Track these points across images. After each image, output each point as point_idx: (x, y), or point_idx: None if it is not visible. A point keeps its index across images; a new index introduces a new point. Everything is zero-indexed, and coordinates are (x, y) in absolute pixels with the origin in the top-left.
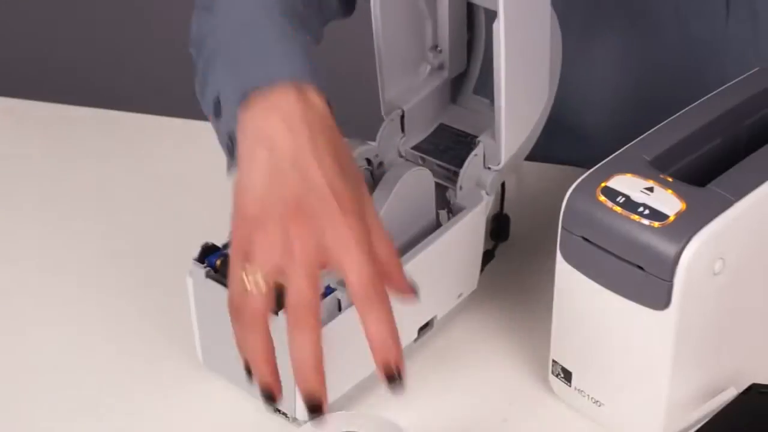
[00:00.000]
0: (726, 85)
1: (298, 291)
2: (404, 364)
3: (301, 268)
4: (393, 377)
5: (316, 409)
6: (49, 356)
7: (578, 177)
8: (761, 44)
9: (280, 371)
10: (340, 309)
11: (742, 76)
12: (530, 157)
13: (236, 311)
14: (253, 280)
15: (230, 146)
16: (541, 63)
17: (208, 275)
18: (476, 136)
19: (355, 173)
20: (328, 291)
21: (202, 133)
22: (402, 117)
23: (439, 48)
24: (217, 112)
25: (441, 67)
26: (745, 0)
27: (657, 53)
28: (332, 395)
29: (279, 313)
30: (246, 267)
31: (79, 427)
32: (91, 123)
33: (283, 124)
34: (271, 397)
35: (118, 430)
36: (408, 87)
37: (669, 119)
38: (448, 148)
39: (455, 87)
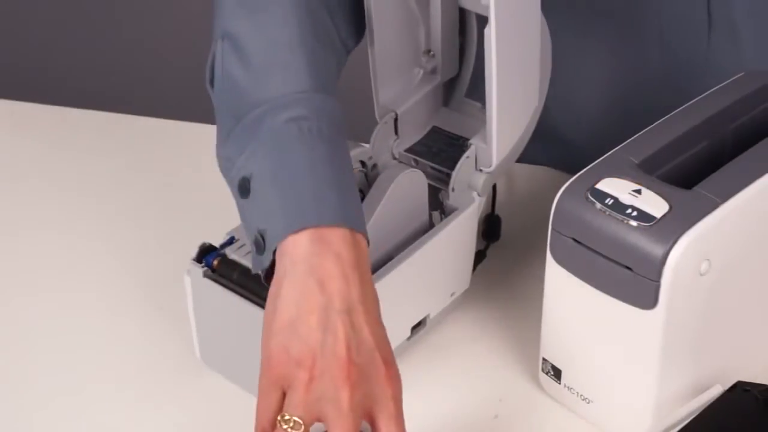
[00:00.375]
0: (711, 90)
1: None
2: None
3: (347, 421)
4: None
5: None
6: (47, 352)
7: (568, 179)
8: (742, 61)
9: None
10: None
11: (727, 81)
12: (520, 160)
13: None
14: (292, 422)
15: (260, 242)
16: (532, 67)
17: (205, 275)
18: (468, 139)
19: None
20: None
21: (200, 135)
22: (395, 120)
23: (431, 52)
24: (244, 194)
25: (434, 71)
26: (726, 18)
27: (642, 69)
28: None
29: None
30: (289, 407)
31: (77, 421)
32: (90, 125)
33: (338, 268)
34: None
35: (117, 424)
36: (401, 91)
37: (656, 123)
38: (441, 151)
39: (447, 90)
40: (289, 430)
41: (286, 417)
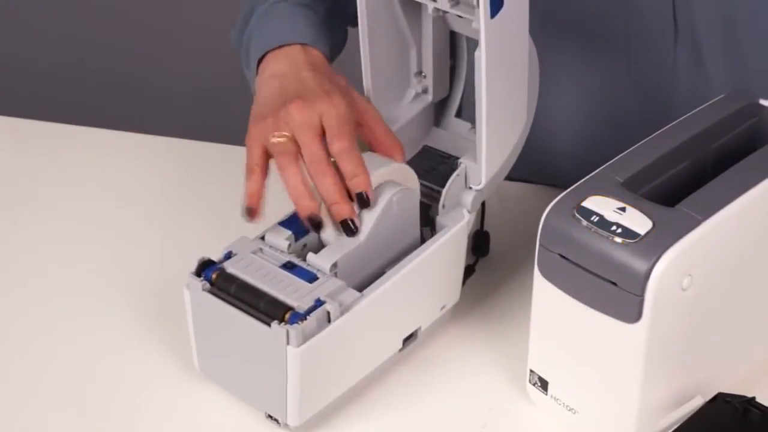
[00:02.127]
0: (693, 111)
1: (310, 149)
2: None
3: (306, 132)
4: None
5: (349, 228)
6: (47, 363)
7: (554, 196)
8: (707, 73)
9: (269, 383)
10: (329, 321)
11: (709, 102)
12: (509, 177)
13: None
14: (278, 137)
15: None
16: (520, 89)
17: (204, 288)
18: (458, 158)
19: (347, 87)
20: (318, 304)
21: (202, 153)
22: None
23: (423, 74)
24: (248, 66)
25: (425, 91)
26: (690, 32)
27: (611, 82)
28: (319, 404)
29: (272, 324)
30: (267, 140)
31: (77, 430)
32: (91, 141)
33: (289, 64)
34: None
35: None
36: (394, 111)
37: (640, 143)
38: (432, 169)
39: (439, 111)
40: (280, 140)
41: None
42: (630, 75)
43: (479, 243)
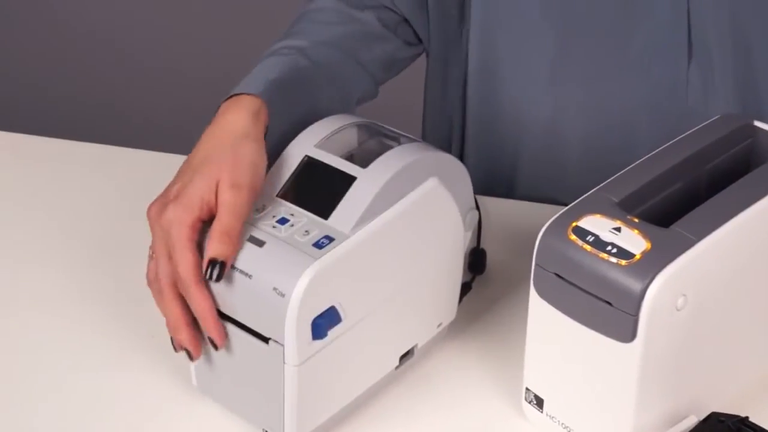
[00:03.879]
0: (688, 132)
1: (181, 269)
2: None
3: (161, 249)
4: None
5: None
6: (42, 375)
7: (550, 215)
8: (716, 87)
9: (266, 399)
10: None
11: (703, 124)
12: (506, 195)
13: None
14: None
15: None
16: None
17: None
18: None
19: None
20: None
21: None
22: None
23: None
24: None
25: None
26: (704, 45)
27: (623, 94)
28: (316, 420)
29: (269, 341)
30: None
31: None
32: (95, 158)
33: (213, 127)
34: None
35: None
36: None
37: (635, 164)
38: None
39: None
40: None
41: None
42: (642, 89)
43: (476, 260)
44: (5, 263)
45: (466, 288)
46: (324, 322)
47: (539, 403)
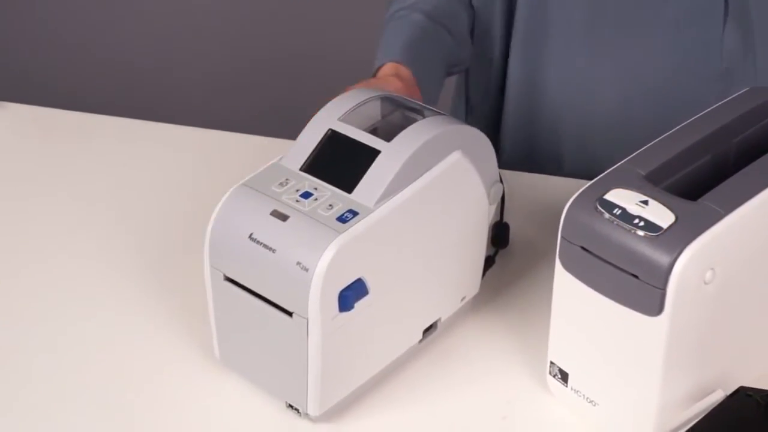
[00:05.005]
0: (716, 105)
1: None
2: None
3: None
4: None
5: None
6: (68, 351)
7: (574, 188)
8: (753, 46)
9: (290, 372)
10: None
11: (731, 96)
12: (530, 170)
13: None
14: None
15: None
16: None
17: (225, 277)
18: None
19: None
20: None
21: (227, 143)
22: None
23: None
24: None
25: None
26: (740, 13)
27: (657, 60)
28: (339, 394)
29: (293, 314)
30: None
31: (96, 420)
32: (113, 131)
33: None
34: None
35: (135, 424)
36: None
37: (662, 136)
38: None
39: None
40: None
41: None
42: (675, 50)
43: (499, 234)
44: (36, 234)
45: (489, 262)
46: (351, 294)
47: (564, 377)
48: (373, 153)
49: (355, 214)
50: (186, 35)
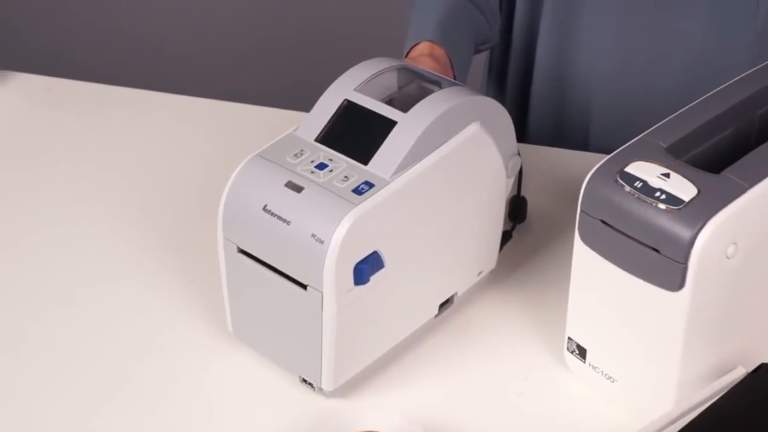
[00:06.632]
0: (739, 77)
1: None
2: None
3: None
4: None
5: None
6: (82, 321)
7: (593, 163)
8: None
9: (304, 346)
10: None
11: (754, 68)
12: (548, 143)
13: None
14: None
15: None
16: None
17: (239, 250)
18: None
19: None
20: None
21: (241, 114)
22: None
23: None
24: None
25: None
26: None
27: (690, 27)
28: (354, 369)
29: (307, 287)
30: None
31: (111, 393)
32: (126, 102)
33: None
34: None
35: (146, 398)
36: None
37: (684, 108)
38: None
39: None
40: None
41: None
42: (709, 17)
43: (516, 208)
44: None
45: (506, 236)
46: (366, 267)
47: (582, 353)
48: (390, 124)
49: (371, 185)
50: (202, 7)
